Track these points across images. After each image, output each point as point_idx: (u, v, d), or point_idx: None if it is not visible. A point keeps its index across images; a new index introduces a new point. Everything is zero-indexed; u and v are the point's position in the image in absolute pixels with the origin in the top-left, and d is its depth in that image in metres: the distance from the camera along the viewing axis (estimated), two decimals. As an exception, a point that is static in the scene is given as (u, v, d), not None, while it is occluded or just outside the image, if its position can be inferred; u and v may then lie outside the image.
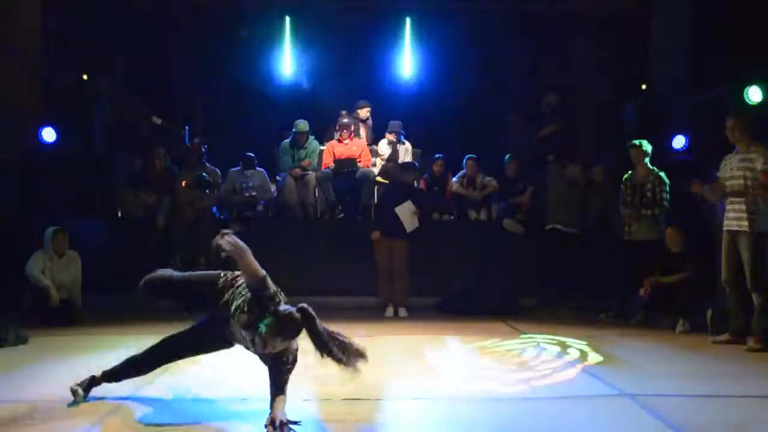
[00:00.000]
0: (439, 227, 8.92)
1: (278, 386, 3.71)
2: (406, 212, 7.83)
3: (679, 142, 8.63)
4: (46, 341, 5.96)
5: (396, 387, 4.53)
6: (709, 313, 6.46)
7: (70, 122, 8.79)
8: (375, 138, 9.93)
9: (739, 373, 4.98)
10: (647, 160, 7.41)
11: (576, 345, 5.91)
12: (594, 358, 5.42)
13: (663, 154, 7.95)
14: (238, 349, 5.55)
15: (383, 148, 9.79)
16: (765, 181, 5.69)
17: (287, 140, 9.47)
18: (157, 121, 9.49)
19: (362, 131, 9.85)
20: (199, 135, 9.21)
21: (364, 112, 9.94)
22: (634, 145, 7.46)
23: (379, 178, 9.51)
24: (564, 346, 5.84)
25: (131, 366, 4.08)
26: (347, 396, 4.14)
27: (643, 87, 9.73)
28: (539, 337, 6.29)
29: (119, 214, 8.91)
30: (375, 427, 3.73)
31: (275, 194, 9.31)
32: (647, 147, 7.42)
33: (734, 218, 5.86)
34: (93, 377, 4.06)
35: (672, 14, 9.46)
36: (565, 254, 8.05)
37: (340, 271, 8.42)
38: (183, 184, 8.50)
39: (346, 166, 9.23)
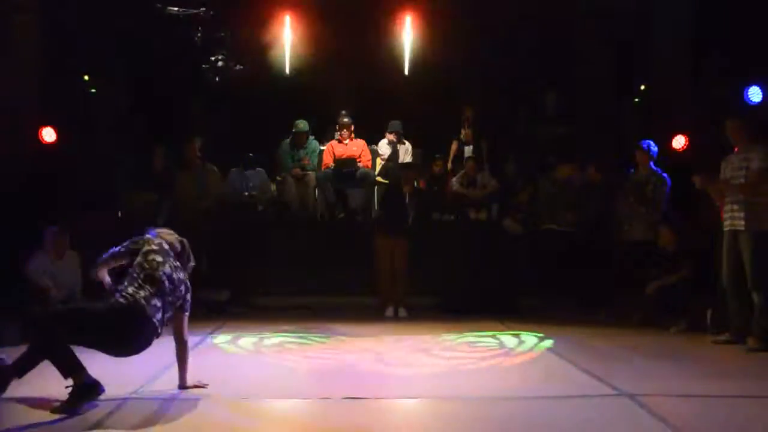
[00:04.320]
0: (439, 227, 8.92)
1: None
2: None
3: (679, 142, 8.63)
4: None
5: (396, 387, 4.53)
6: (709, 313, 6.46)
7: (70, 122, 8.78)
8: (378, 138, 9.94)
9: (739, 373, 4.98)
10: (651, 161, 7.47)
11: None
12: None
13: (663, 154, 7.96)
14: (236, 348, 5.56)
15: (383, 148, 9.79)
16: (754, 182, 5.69)
17: (287, 140, 9.48)
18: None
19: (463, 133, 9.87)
20: (199, 135, 9.19)
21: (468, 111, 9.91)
22: (640, 147, 7.49)
23: (379, 178, 9.52)
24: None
25: None
26: (347, 396, 4.14)
27: (642, 87, 9.73)
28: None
29: (119, 214, 8.91)
30: (375, 427, 3.73)
31: (275, 194, 9.31)
32: (653, 148, 7.48)
33: (734, 218, 5.85)
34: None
35: (672, 14, 9.45)
36: (564, 254, 8.05)
37: (340, 271, 8.41)
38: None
39: (346, 166, 9.23)
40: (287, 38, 10.10)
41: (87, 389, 3.87)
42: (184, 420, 3.75)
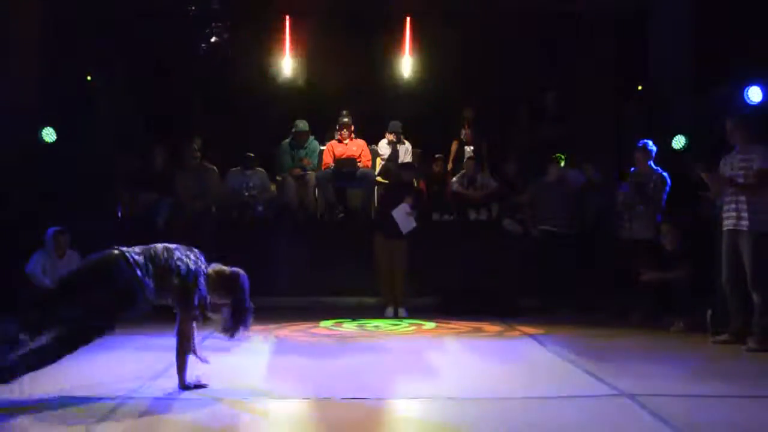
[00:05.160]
0: (439, 227, 8.92)
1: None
2: (402, 214, 7.81)
3: (679, 142, 8.64)
4: (46, 341, 5.94)
5: (396, 387, 4.53)
6: (709, 313, 6.46)
7: (70, 122, 8.79)
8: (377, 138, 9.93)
9: (739, 373, 4.97)
10: (651, 161, 7.48)
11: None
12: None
13: (663, 154, 7.97)
14: (236, 348, 5.55)
15: (383, 148, 9.79)
16: (757, 182, 5.68)
17: (287, 140, 9.48)
18: None
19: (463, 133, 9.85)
20: (198, 135, 9.20)
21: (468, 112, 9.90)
22: (639, 146, 7.51)
23: (379, 178, 9.52)
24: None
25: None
26: (347, 396, 4.14)
27: (639, 88, 9.74)
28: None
29: (119, 214, 8.92)
30: (375, 427, 3.73)
31: (275, 194, 9.32)
32: (652, 148, 7.50)
33: (734, 218, 5.85)
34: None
35: (672, 14, 9.46)
36: (564, 254, 8.05)
37: (341, 271, 8.42)
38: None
39: (346, 166, 9.24)
40: (287, 39, 10.11)
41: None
42: (184, 420, 3.75)
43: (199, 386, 4.30)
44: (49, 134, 8.55)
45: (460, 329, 6.85)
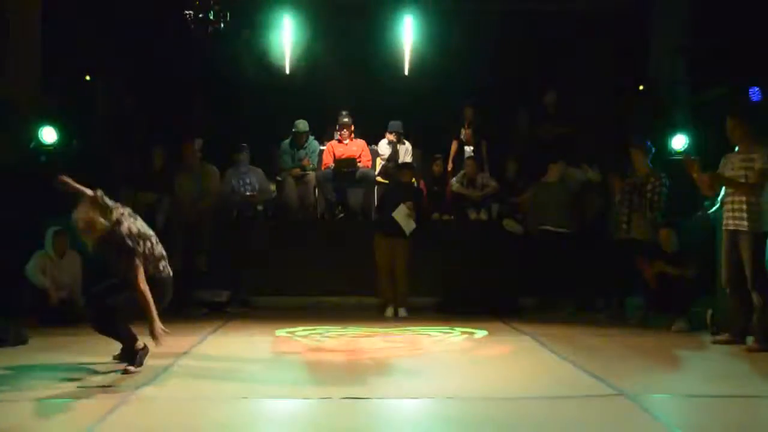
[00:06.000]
0: (439, 227, 8.92)
1: None
2: (402, 215, 7.80)
3: (679, 142, 8.65)
4: (46, 341, 5.95)
5: (396, 387, 4.53)
6: (709, 313, 6.46)
7: (70, 122, 8.78)
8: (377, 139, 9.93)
9: (739, 373, 4.98)
10: (648, 161, 7.45)
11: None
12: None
13: (663, 154, 7.96)
14: (237, 348, 5.56)
15: (383, 148, 9.79)
16: (756, 182, 5.67)
17: (287, 140, 9.47)
18: None
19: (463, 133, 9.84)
20: (198, 135, 9.18)
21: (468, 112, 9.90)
22: (635, 146, 7.47)
23: (379, 178, 9.52)
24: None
25: None
26: (347, 396, 4.14)
27: (640, 88, 9.74)
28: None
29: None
30: (375, 427, 3.73)
31: (275, 194, 9.31)
32: (648, 148, 7.45)
33: (734, 218, 5.84)
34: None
35: (672, 14, 9.46)
36: (564, 254, 8.04)
37: (340, 271, 8.41)
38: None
39: (346, 166, 9.24)
40: (287, 38, 10.10)
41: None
42: (184, 420, 3.75)
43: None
44: (49, 134, 8.55)
45: (459, 329, 6.84)
